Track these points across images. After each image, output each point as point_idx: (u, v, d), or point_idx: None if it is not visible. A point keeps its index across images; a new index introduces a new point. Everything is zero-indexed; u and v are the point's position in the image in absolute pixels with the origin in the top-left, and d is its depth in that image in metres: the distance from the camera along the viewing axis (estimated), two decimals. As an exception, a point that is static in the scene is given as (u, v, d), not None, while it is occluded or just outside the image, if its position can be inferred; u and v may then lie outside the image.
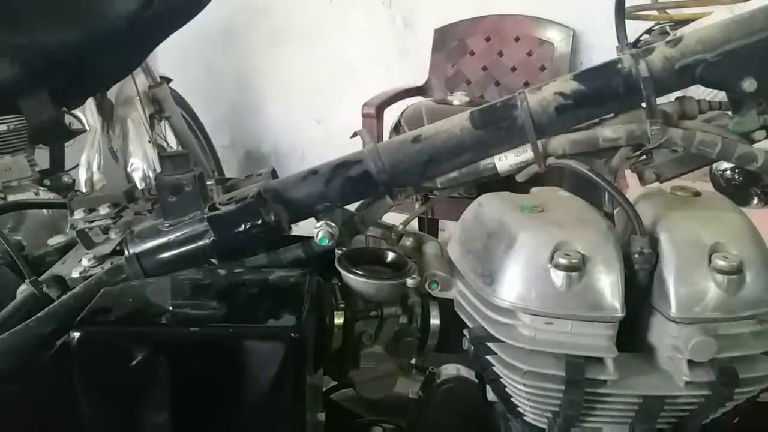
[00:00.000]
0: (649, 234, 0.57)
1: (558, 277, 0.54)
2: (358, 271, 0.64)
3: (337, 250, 0.67)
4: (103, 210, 0.78)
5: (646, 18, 1.60)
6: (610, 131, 0.61)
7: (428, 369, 0.86)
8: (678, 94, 0.64)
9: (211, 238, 0.65)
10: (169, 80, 2.45)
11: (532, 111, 0.62)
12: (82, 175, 2.27)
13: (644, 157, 0.65)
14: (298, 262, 0.67)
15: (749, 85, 0.59)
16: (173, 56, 2.26)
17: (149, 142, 2.30)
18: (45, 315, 0.62)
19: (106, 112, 2.30)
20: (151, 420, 0.58)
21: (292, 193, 0.67)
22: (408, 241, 0.74)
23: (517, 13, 2.56)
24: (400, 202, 0.69)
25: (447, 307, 0.66)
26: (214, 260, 0.68)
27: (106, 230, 0.79)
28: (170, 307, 0.58)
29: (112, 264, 0.68)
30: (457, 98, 2.11)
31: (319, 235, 0.65)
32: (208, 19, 1.10)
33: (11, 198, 1.88)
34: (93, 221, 0.78)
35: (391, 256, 0.68)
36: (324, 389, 0.79)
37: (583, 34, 2.49)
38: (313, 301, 0.61)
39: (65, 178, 2.14)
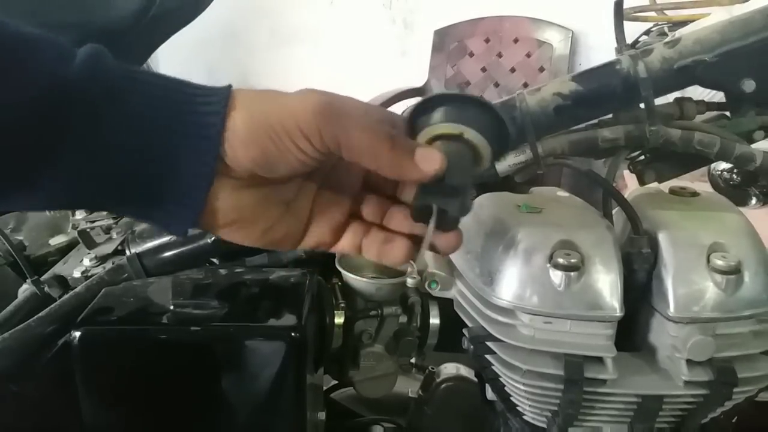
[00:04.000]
0: (647, 234, 0.57)
1: (557, 277, 0.54)
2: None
3: None
4: (104, 210, 0.78)
5: (644, 19, 1.60)
6: (608, 132, 0.62)
7: (428, 368, 0.86)
8: (677, 94, 0.65)
9: (212, 238, 0.65)
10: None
11: (531, 112, 0.62)
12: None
13: (643, 157, 0.65)
14: (299, 262, 0.67)
15: (748, 85, 0.59)
16: (174, 58, 2.26)
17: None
18: (46, 314, 0.62)
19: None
20: (151, 419, 0.58)
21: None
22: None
23: (516, 14, 2.57)
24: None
25: (447, 306, 0.66)
26: (215, 260, 0.68)
27: (107, 230, 0.80)
28: (171, 307, 0.58)
29: (113, 264, 0.68)
30: (457, 99, 2.11)
31: None
32: (209, 20, 1.10)
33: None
34: (94, 221, 0.78)
35: None
36: (324, 388, 0.80)
37: (582, 35, 2.50)
38: (314, 300, 0.61)
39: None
